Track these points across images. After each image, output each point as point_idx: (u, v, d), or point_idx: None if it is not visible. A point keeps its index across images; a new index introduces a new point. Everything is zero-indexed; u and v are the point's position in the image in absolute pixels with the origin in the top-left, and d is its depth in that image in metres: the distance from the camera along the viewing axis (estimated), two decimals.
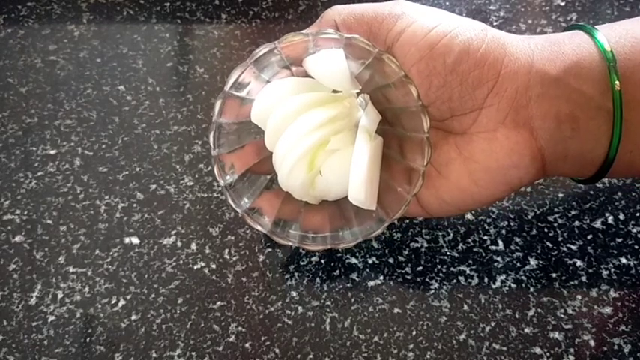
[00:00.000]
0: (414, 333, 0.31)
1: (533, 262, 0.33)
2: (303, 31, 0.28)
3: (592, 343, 0.31)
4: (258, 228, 0.29)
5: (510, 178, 0.28)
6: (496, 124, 0.27)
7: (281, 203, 0.30)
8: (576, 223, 0.34)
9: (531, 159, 0.27)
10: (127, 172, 0.36)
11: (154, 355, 0.30)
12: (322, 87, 0.29)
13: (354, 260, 0.33)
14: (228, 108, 0.28)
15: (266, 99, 0.29)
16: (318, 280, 0.33)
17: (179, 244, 0.34)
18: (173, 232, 0.34)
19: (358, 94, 0.29)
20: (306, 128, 0.27)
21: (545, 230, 0.34)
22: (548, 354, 0.30)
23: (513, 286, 0.32)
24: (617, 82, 0.26)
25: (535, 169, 0.28)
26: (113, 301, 0.32)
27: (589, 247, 0.33)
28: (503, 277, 0.33)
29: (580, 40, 0.27)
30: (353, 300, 0.32)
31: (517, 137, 0.27)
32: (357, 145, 0.28)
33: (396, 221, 0.33)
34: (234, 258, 0.33)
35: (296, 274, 0.33)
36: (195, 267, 0.33)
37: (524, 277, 0.33)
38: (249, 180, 0.30)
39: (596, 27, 0.28)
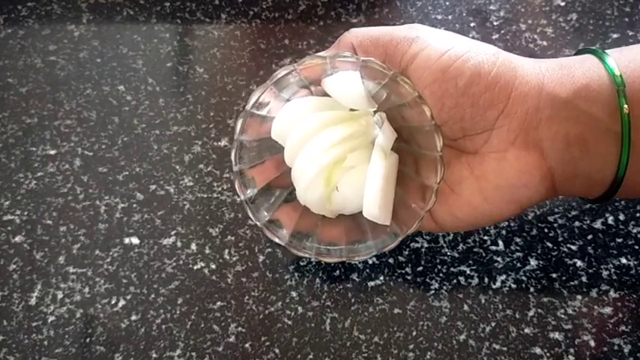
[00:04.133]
0: (414, 333, 0.31)
1: (533, 262, 0.33)
2: (321, 54, 0.29)
3: (592, 343, 0.31)
4: (277, 240, 0.29)
5: (520, 197, 0.28)
6: (507, 144, 0.28)
7: (299, 216, 0.31)
8: (576, 223, 0.34)
9: (541, 179, 0.28)
10: (127, 172, 0.36)
11: (154, 355, 0.30)
12: (340, 105, 0.30)
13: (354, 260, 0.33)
14: (249, 126, 0.29)
15: (286, 117, 0.30)
16: (318, 280, 0.33)
17: (179, 244, 0.34)
18: (173, 233, 0.34)
19: (375, 112, 0.30)
20: (324, 145, 0.28)
21: (546, 230, 0.34)
22: (548, 354, 0.30)
23: (513, 286, 0.32)
24: (625, 106, 0.27)
25: (545, 189, 0.28)
26: (113, 302, 0.32)
27: (589, 248, 0.33)
28: (503, 277, 0.33)
29: (590, 64, 0.28)
30: (353, 300, 0.32)
31: (527, 158, 0.28)
32: (372, 162, 0.28)
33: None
34: (234, 258, 0.33)
35: (296, 274, 0.33)
36: (195, 267, 0.33)
37: (524, 278, 0.33)
38: (268, 194, 0.31)
39: (607, 51, 0.28)
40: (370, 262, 0.33)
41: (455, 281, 0.33)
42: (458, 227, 0.31)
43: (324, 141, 0.28)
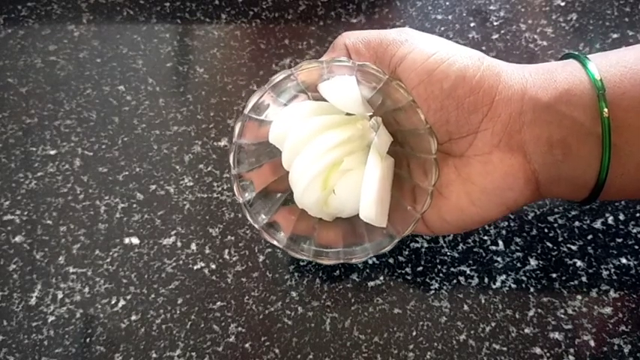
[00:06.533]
0: (414, 333, 0.31)
1: (533, 262, 0.33)
2: (318, 59, 0.30)
3: (592, 343, 0.31)
4: (275, 243, 0.30)
5: (506, 200, 0.29)
6: (491, 147, 0.28)
7: (296, 220, 0.31)
8: (576, 223, 0.34)
9: (525, 181, 0.28)
10: (127, 172, 0.36)
11: (154, 355, 0.30)
12: (337, 110, 0.30)
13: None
14: (247, 130, 0.30)
15: (284, 121, 0.30)
16: (318, 280, 0.33)
17: (179, 244, 0.34)
18: (173, 233, 0.34)
19: (371, 116, 0.30)
20: (321, 149, 0.29)
21: (546, 230, 0.34)
22: (548, 354, 0.30)
23: (513, 286, 0.32)
24: (605, 110, 0.27)
25: (530, 191, 0.29)
26: (113, 302, 0.32)
27: (589, 248, 0.33)
28: (503, 277, 0.33)
29: (572, 69, 0.28)
30: (353, 300, 0.32)
31: (511, 160, 0.28)
32: (369, 166, 0.29)
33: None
34: (234, 258, 0.33)
35: (296, 274, 0.33)
36: (195, 267, 0.33)
37: (524, 278, 0.33)
38: (267, 197, 0.31)
39: (589, 56, 0.29)
40: (370, 262, 0.33)
41: (455, 281, 0.33)
42: (447, 230, 0.31)
43: (321, 145, 0.29)
